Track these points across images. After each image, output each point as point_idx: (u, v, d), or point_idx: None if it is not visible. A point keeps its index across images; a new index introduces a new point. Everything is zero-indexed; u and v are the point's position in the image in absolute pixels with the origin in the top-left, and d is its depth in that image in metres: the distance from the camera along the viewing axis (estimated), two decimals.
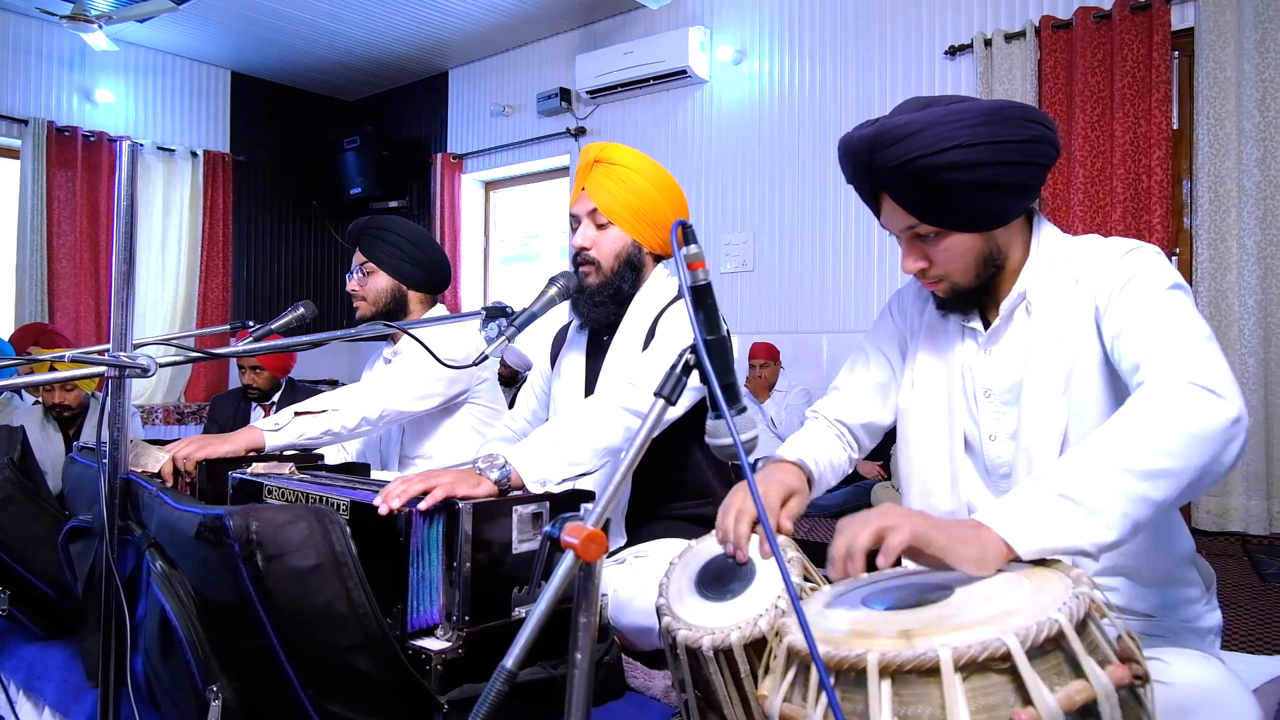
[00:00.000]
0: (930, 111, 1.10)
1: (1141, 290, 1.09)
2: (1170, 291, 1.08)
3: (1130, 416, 0.95)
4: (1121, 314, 1.09)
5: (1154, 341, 1.03)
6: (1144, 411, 0.94)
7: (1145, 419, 0.93)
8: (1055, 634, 0.73)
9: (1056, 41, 3.95)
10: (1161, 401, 0.95)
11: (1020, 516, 0.88)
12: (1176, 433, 0.91)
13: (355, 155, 6.47)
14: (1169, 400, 0.94)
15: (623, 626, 1.48)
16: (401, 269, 2.16)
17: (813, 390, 4.56)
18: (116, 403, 1.26)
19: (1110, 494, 0.88)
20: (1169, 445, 0.91)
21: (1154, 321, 1.05)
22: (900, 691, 0.74)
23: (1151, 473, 0.89)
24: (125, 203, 1.26)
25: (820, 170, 4.70)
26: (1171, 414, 0.93)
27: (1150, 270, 1.10)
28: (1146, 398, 0.96)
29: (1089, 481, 0.89)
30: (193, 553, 1.05)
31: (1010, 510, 0.89)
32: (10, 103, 5.43)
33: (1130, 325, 1.07)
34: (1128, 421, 0.94)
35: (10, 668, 1.65)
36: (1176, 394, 0.95)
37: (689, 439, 1.74)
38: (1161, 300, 1.07)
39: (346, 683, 1.05)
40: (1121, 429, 0.93)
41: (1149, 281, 1.09)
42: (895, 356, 1.38)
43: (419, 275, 2.18)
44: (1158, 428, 0.92)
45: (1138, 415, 0.94)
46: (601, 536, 0.84)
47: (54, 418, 3.55)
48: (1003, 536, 0.86)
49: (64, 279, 5.60)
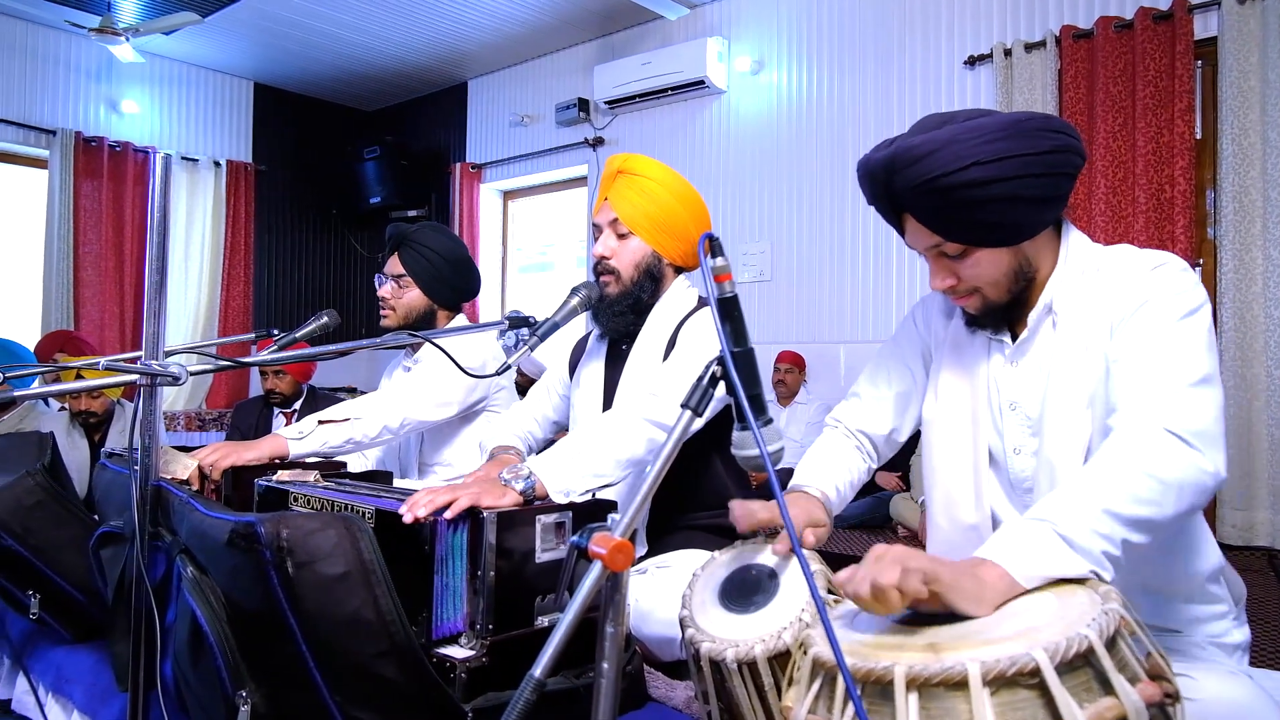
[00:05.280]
0: (947, 130, 1.09)
1: (1150, 320, 1.07)
2: (1182, 323, 1.06)
3: (1109, 462, 0.97)
4: (1124, 343, 1.09)
5: (1141, 382, 1.04)
6: (1121, 458, 0.96)
7: (1123, 466, 0.95)
8: (1085, 650, 0.73)
9: (1077, 51, 3.94)
10: (1137, 449, 0.97)
11: (1018, 549, 0.90)
12: (1153, 481, 0.94)
13: (375, 165, 6.53)
14: (1144, 448, 0.96)
15: (645, 637, 1.48)
16: (436, 287, 2.18)
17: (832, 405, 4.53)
18: (148, 410, 1.28)
19: (1095, 535, 0.90)
20: (1148, 494, 0.93)
21: (1148, 359, 1.05)
22: (927, 705, 0.74)
23: (1133, 520, 0.92)
24: (158, 214, 1.28)
25: (838, 180, 4.70)
26: (1147, 463, 0.95)
27: (1167, 295, 1.08)
28: (1122, 444, 0.98)
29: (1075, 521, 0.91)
30: (224, 559, 1.07)
31: (1009, 544, 0.91)
32: (39, 114, 5.53)
33: (1126, 358, 1.07)
34: (1107, 466, 0.96)
35: (39, 670, 1.68)
36: (1151, 442, 0.97)
37: (710, 449, 1.75)
38: (1166, 335, 1.06)
39: (373, 690, 1.05)
40: (1102, 473, 0.96)
41: (1161, 310, 1.07)
42: (918, 367, 1.38)
43: (449, 295, 2.20)
44: (1135, 476, 0.94)
45: (1116, 461, 0.96)
46: (629, 546, 0.84)
47: (80, 424, 3.60)
48: (1006, 569, 0.88)
49: (89, 287, 5.68)
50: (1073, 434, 1.13)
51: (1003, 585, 0.86)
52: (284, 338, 1.85)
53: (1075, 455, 1.12)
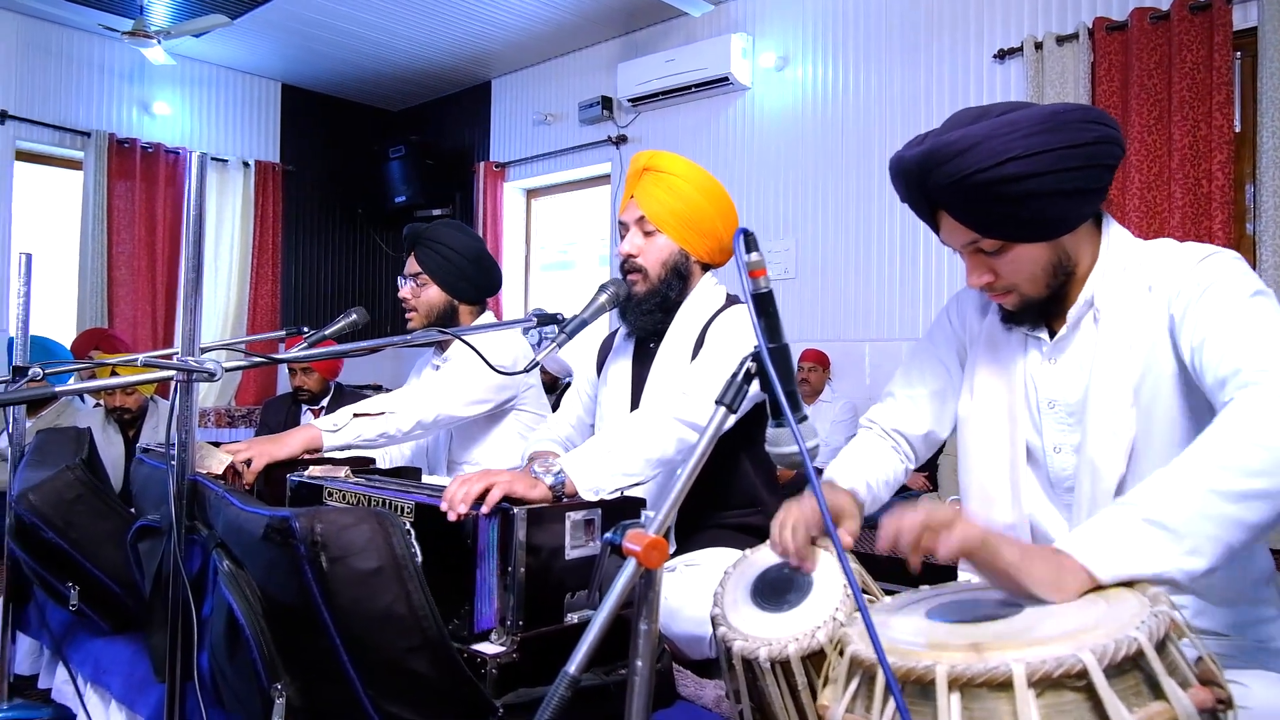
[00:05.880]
0: (984, 124, 1.07)
1: (1222, 298, 1.03)
2: (1254, 299, 1.02)
3: (1219, 435, 0.90)
4: (1202, 323, 1.03)
5: (1241, 353, 0.97)
6: (1234, 429, 0.89)
7: (1235, 438, 0.88)
8: (1134, 653, 0.71)
9: (1111, 43, 3.87)
10: (1253, 418, 0.89)
11: (1103, 542, 0.85)
12: (1271, 451, 0.86)
13: (400, 164, 6.58)
14: (1262, 417, 0.89)
15: (673, 635, 1.48)
16: (454, 284, 2.17)
17: (857, 403, 4.50)
18: (185, 405, 1.29)
19: (1199, 518, 0.84)
20: (1262, 465, 0.85)
21: (1239, 331, 0.99)
22: (969, 705, 0.73)
23: (1243, 494, 0.85)
24: (194, 212, 1.30)
25: (864, 177, 4.66)
26: (1265, 431, 0.87)
27: (1230, 277, 1.05)
28: (1236, 414, 0.91)
29: (1176, 505, 0.85)
30: (259, 553, 1.08)
31: (1092, 536, 0.86)
32: (74, 116, 5.63)
33: (1213, 335, 1.01)
34: (1216, 440, 0.89)
35: (78, 660, 1.71)
36: (1270, 410, 0.89)
37: (738, 448, 1.74)
38: (1245, 308, 1.01)
39: (405, 684, 1.06)
40: (1210, 448, 0.89)
41: (1230, 288, 1.04)
42: (953, 364, 1.36)
43: (470, 291, 2.20)
44: (1250, 446, 0.87)
45: (1227, 434, 0.89)
46: (663, 544, 0.84)
47: (115, 420, 3.66)
48: (1084, 563, 0.83)
49: (122, 285, 5.77)
50: (1117, 431, 1.10)
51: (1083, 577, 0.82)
52: (313, 335, 1.86)
53: (1119, 453, 1.10)
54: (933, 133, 1.11)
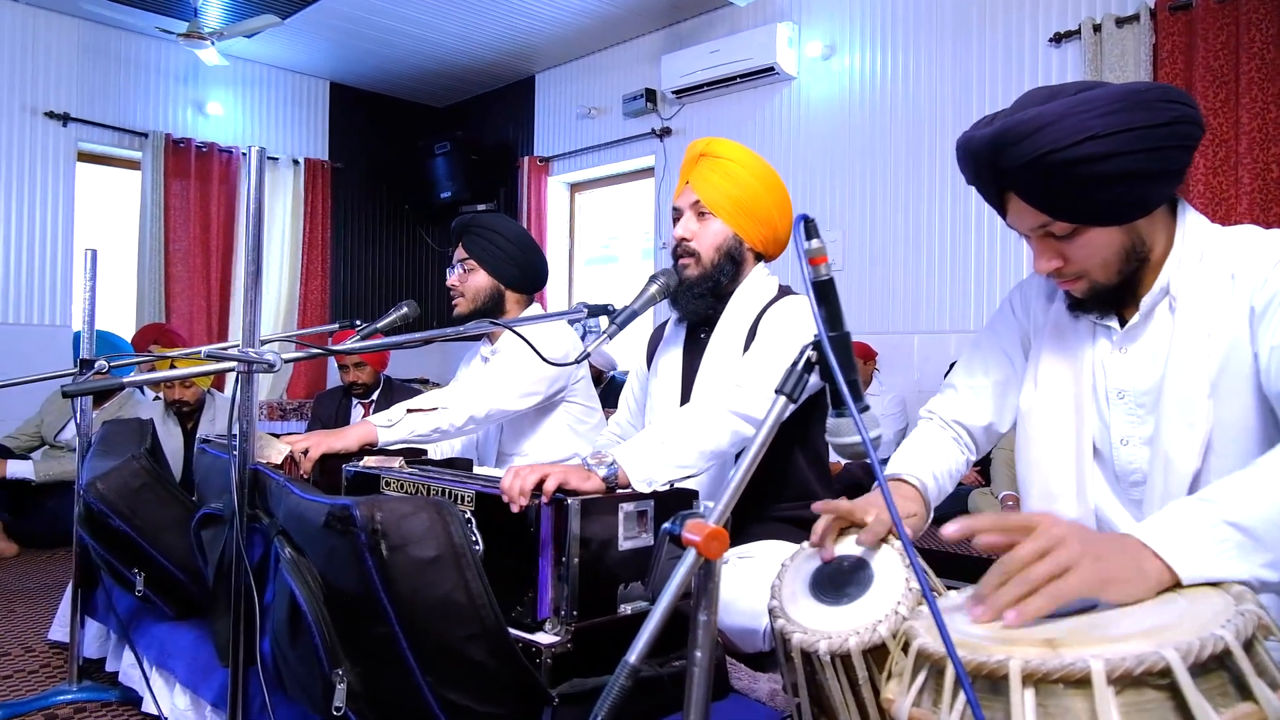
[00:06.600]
0: (1059, 103, 1.03)
1: None
2: None
3: None
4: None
5: None
6: None
7: None
8: (1220, 652, 0.69)
9: (1174, 24, 3.73)
10: None
11: (1184, 540, 0.82)
12: None
13: (445, 160, 6.64)
14: None
15: (726, 627, 1.47)
16: (501, 268, 2.20)
17: (906, 396, 4.43)
18: (245, 396, 1.32)
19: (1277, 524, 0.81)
20: None
21: None
22: (1045, 703, 0.71)
23: None
24: (254, 206, 1.32)
25: (913, 167, 4.57)
26: None
27: None
28: None
29: (1261, 512, 0.82)
30: (320, 541, 1.09)
31: (1171, 531, 0.83)
32: (132, 117, 5.79)
33: None
34: None
35: (144, 645, 1.76)
36: None
37: (790, 441, 1.72)
38: None
39: (463, 672, 1.07)
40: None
41: None
42: (1016, 354, 1.32)
43: (517, 275, 2.22)
44: None
45: None
46: (724, 534, 0.83)
47: (174, 413, 3.77)
48: (1166, 561, 0.80)
49: (179, 282, 5.93)
50: (1193, 423, 1.06)
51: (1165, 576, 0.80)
52: (366, 328, 1.89)
53: (1195, 447, 1.06)
54: (1003, 113, 1.08)
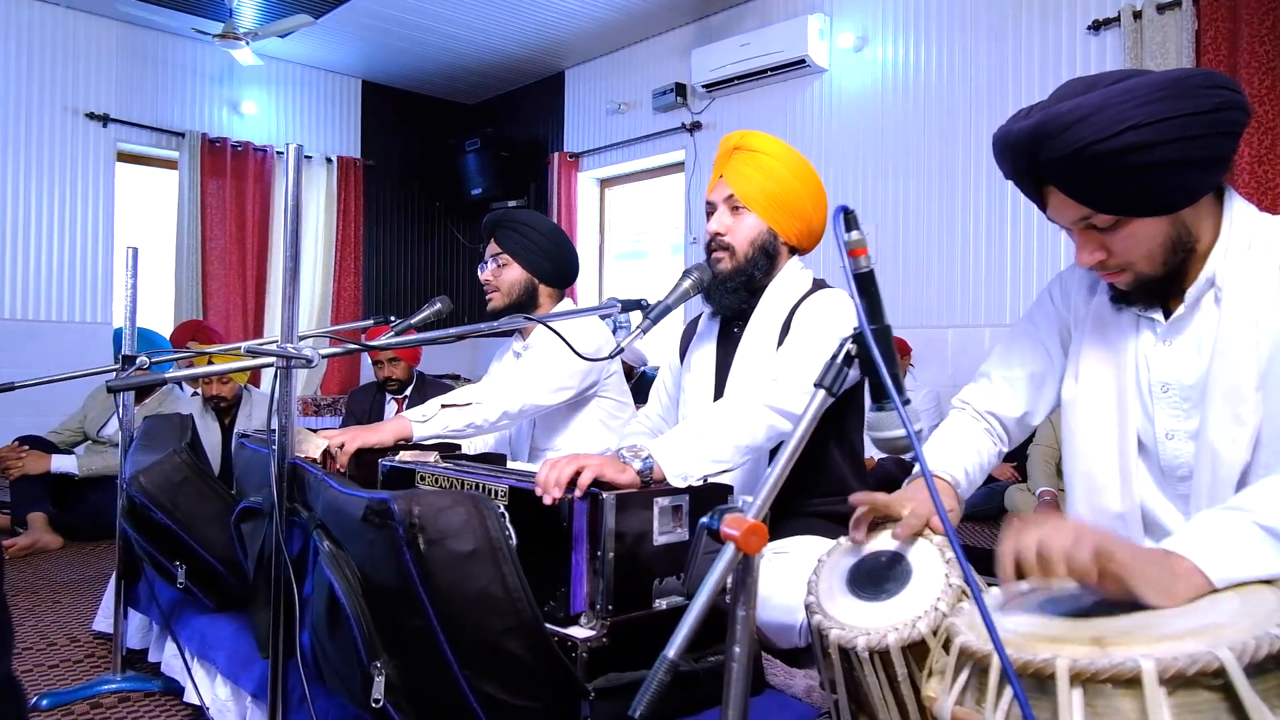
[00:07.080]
0: (1098, 93, 1.01)
1: None
2: None
3: None
4: None
5: None
6: None
7: None
8: (1276, 651, 0.67)
9: (1218, 10, 3.64)
10: None
11: (1216, 545, 0.82)
12: None
13: (476, 157, 6.68)
14: None
15: (762, 623, 1.46)
16: (534, 262, 2.21)
17: (940, 390, 4.38)
18: (284, 391, 1.34)
19: None
20: None
21: None
22: (1093, 702, 0.69)
23: None
24: (291, 203, 1.34)
25: (947, 159, 4.51)
26: None
27: None
28: None
29: None
30: (359, 534, 1.10)
31: (1203, 539, 0.83)
32: (169, 118, 5.90)
33: None
34: None
35: (185, 636, 1.79)
36: None
37: (826, 435, 1.70)
38: None
39: (501, 665, 1.07)
40: None
41: None
42: (1054, 346, 1.30)
43: (551, 269, 2.22)
44: None
45: None
46: (763, 529, 0.82)
47: (212, 408, 3.83)
48: (1198, 564, 0.80)
49: (215, 279, 6.04)
50: (1241, 417, 1.03)
51: (1196, 580, 0.79)
52: (400, 324, 1.90)
53: (1243, 440, 1.03)
54: (1041, 104, 1.06)
